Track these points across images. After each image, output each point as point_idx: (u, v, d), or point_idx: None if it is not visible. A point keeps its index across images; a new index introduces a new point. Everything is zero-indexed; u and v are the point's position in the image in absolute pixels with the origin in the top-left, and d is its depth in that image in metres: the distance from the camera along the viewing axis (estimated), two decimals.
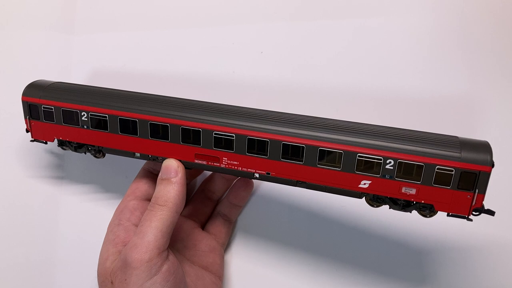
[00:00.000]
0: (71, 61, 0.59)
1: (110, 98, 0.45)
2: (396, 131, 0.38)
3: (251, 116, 0.41)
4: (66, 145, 0.48)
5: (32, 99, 0.47)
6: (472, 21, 0.48)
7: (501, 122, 0.47)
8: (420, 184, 0.37)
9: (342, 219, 0.50)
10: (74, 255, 0.56)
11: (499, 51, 0.48)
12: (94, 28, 0.58)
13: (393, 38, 0.50)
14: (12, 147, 0.58)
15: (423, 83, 0.49)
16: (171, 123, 0.42)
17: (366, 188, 0.38)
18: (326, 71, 0.52)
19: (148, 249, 0.39)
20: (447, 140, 0.37)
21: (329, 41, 0.52)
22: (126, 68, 0.57)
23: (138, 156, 0.45)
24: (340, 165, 0.38)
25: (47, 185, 0.58)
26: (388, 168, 0.37)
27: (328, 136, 0.38)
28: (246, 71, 0.54)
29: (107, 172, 0.57)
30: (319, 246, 0.50)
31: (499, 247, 0.46)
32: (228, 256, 0.53)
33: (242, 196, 0.51)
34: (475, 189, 0.36)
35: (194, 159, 0.43)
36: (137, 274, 0.38)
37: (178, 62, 0.56)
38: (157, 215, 0.40)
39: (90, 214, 0.56)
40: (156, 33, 0.57)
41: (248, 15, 0.54)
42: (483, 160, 0.35)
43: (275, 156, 0.40)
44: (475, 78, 0.48)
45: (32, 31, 0.59)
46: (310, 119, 0.40)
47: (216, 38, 0.55)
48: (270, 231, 0.52)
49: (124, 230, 0.44)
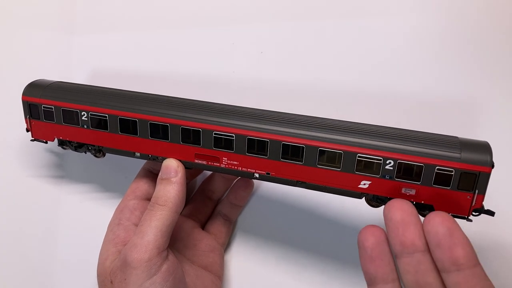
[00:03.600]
0: (71, 61, 0.59)
1: (110, 98, 0.45)
2: (396, 131, 0.38)
3: (251, 116, 0.41)
4: (66, 145, 0.49)
5: (32, 98, 0.47)
6: (473, 22, 0.48)
7: (501, 122, 0.47)
8: (420, 185, 0.37)
9: (342, 220, 0.50)
10: (74, 255, 0.57)
11: (499, 51, 0.48)
12: (94, 28, 0.58)
13: (393, 39, 0.50)
14: (12, 146, 0.58)
15: (423, 84, 0.49)
16: (171, 123, 0.42)
17: (366, 189, 0.39)
18: (326, 71, 0.52)
19: (148, 248, 0.39)
20: (447, 141, 0.37)
21: (330, 41, 0.52)
22: (126, 68, 0.57)
23: (138, 156, 0.45)
24: (340, 165, 0.38)
25: (47, 185, 0.58)
26: (388, 168, 0.37)
27: (328, 136, 0.38)
28: (246, 71, 0.54)
29: (107, 172, 0.57)
30: (319, 246, 0.51)
31: (499, 247, 0.46)
32: (228, 256, 0.53)
33: (242, 196, 0.51)
34: (475, 189, 0.36)
35: (194, 159, 0.43)
36: (136, 274, 0.38)
37: (178, 62, 0.56)
38: (157, 215, 0.40)
39: (90, 213, 0.56)
40: (156, 33, 0.57)
41: (248, 15, 0.54)
42: (483, 160, 0.35)
43: (275, 156, 0.40)
44: (475, 78, 0.48)
45: (32, 31, 0.59)
46: (310, 119, 0.40)
47: (216, 38, 0.55)
48: (270, 231, 0.52)
49: (124, 229, 0.44)
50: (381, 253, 0.35)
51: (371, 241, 0.36)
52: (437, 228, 0.33)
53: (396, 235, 0.34)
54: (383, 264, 0.35)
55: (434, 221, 0.33)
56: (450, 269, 0.32)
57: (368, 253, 0.36)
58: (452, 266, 0.32)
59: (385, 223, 0.35)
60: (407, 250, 0.34)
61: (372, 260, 0.35)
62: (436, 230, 0.33)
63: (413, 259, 0.34)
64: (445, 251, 0.32)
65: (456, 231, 0.32)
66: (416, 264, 0.34)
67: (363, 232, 0.36)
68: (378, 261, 0.35)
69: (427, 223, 0.33)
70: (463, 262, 0.32)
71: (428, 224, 0.33)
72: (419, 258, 0.34)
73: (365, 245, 0.36)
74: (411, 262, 0.34)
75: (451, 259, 0.32)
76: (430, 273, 0.33)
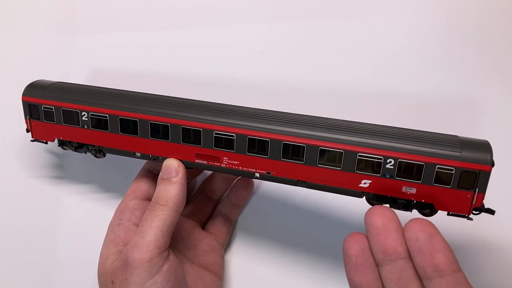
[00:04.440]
0: (71, 61, 0.59)
1: (110, 98, 0.45)
2: (397, 130, 0.38)
3: (251, 115, 0.41)
4: (66, 145, 0.48)
5: (32, 99, 0.47)
6: (473, 22, 0.48)
7: (501, 121, 0.47)
8: (420, 184, 0.37)
9: (342, 219, 0.50)
10: (74, 255, 0.57)
11: (500, 51, 0.48)
12: (94, 28, 0.58)
13: (393, 39, 0.50)
14: (12, 147, 0.58)
15: (423, 83, 0.49)
16: (172, 123, 0.42)
17: (367, 188, 0.39)
18: (327, 71, 0.52)
19: (149, 248, 0.39)
20: (448, 140, 0.37)
21: (330, 41, 0.52)
22: (126, 68, 0.57)
23: (139, 156, 0.45)
24: (340, 164, 0.38)
25: (47, 185, 0.58)
26: (388, 167, 0.37)
27: (329, 135, 0.38)
28: (246, 71, 0.54)
29: (108, 172, 0.57)
30: (319, 245, 0.51)
31: (499, 246, 0.46)
32: (228, 256, 0.53)
33: (243, 196, 0.51)
34: (475, 188, 0.36)
35: (195, 158, 0.43)
36: (137, 274, 0.38)
37: (178, 62, 0.56)
38: (158, 215, 0.40)
39: (91, 213, 0.56)
40: (156, 33, 0.57)
41: (248, 15, 0.54)
42: (483, 159, 0.35)
43: (275, 156, 0.40)
44: (476, 77, 0.48)
45: (32, 31, 0.59)
46: (311, 118, 0.40)
47: (216, 38, 0.55)
48: (270, 231, 0.52)
49: (125, 229, 0.44)
50: (365, 261, 0.35)
51: (356, 249, 0.35)
52: (417, 234, 0.32)
53: (377, 242, 0.34)
54: (367, 273, 0.35)
55: (414, 227, 0.33)
56: (432, 275, 0.32)
57: (353, 261, 0.35)
58: (433, 273, 0.31)
59: (367, 229, 0.35)
60: (389, 257, 0.33)
61: (356, 269, 0.35)
62: (416, 236, 0.32)
63: (396, 266, 0.33)
64: (426, 258, 0.32)
65: (436, 237, 0.32)
66: (399, 272, 0.33)
67: (347, 240, 0.36)
68: (363, 269, 0.35)
69: (407, 229, 0.33)
70: (444, 268, 0.31)
71: (409, 230, 0.33)
72: (402, 265, 0.33)
73: (350, 253, 0.35)
74: (394, 270, 0.33)
75: (432, 266, 0.31)
76: (413, 281, 0.33)
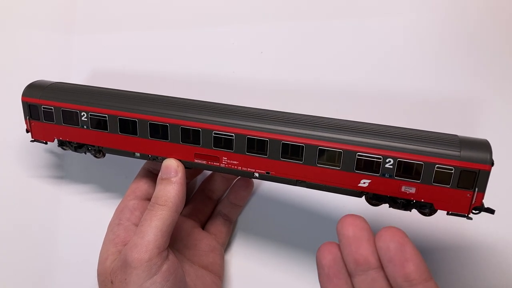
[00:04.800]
0: (71, 61, 0.59)
1: (110, 98, 0.45)
2: (396, 130, 0.38)
3: (250, 115, 0.41)
4: (66, 145, 0.49)
5: (32, 99, 0.47)
6: (473, 21, 0.48)
7: (501, 120, 0.47)
8: (419, 183, 0.37)
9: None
10: (74, 255, 0.57)
11: (499, 51, 0.48)
12: (94, 28, 0.58)
13: (393, 38, 0.50)
14: (12, 147, 0.58)
15: (423, 82, 0.49)
16: (171, 123, 0.42)
17: (366, 187, 0.39)
18: (327, 71, 0.52)
19: (148, 248, 0.39)
20: (447, 139, 0.37)
21: (330, 41, 0.52)
22: (126, 68, 0.57)
23: (138, 156, 0.45)
24: (340, 164, 0.38)
25: (47, 185, 0.58)
26: (387, 167, 0.37)
27: (328, 135, 0.38)
28: (246, 71, 0.54)
29: (107, 172, 0.57)
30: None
31: (499, 246, 0.46)
32: (228, 256, 0.53)
33: (242, 196, 0.51)
34: (475, 187, 0.36)
35: (194, 158, 0.43)
36: (137, 274, 0.38)
37: (178, 62, 0.56)
38: (157, 215, 0.40)
39: (90, 213, 0.56)
40: (156, 33, 0.57)
41: (248, 15, 0.54)
42: (483, 158, 0.35)
43: (274, 156, 0.40)
44: (475, 77, 0.48)
45: (32, 31, 0.59)
46: (310, 118, 0.40)
47: (216, 38, 0.55)
48: (270, 231, 0.52)
49: (124, 229, 0.44)
50: (338, 271, 0.34)
51: (328, 259, 0.35)
52: (388, 243, 0.32)
53: (349, 252, 0.33)
54: (340, 283, 0.34)
55: (385, 236, 0.32)
56: (403, 285, 0.31)
57: (326, 271, 0.35)
58: (404, 282, 0.31)
59: (339, 239, 0.34)
60: (361, 267, 0.33)
61: (329, 279, 0.34)
62: (387, 245, 0.32)
63: (368, 276, 0.33)
64: (396, 268, 0.31)
65: (407, 246, 0.32)
66: (371, 282, 0.33)
67: (320, 250, 0.35)
68: (335, 280, 0.34)
69: (378, 238, 0.33)
70: (415, 278, 0.31)
71: (380, 239, 0.32)
72: (374, 275, 0.33)
73: (323, 263, 0.35)
74: (366, 280, 0.33)
75: (403, 275, 0.31)
76: None
